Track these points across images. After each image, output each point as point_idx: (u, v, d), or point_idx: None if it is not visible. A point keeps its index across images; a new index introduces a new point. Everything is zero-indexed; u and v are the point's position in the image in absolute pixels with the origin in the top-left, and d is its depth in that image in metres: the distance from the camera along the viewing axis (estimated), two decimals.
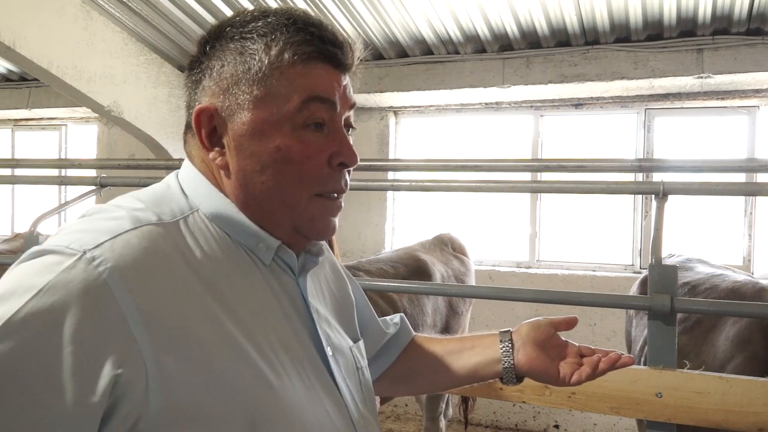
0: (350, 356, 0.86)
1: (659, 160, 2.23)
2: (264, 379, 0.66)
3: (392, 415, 4.45)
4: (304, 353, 0.74)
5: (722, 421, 1.53)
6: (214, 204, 0.74)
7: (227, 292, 0.69)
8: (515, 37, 3.84)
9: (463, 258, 3.38)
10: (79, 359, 0.56)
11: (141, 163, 2.80)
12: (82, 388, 0.56)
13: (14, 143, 5.83)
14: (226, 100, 0.73)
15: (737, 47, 3.54)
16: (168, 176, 0.80)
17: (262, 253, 0.75)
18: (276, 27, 0.73)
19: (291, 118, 0.72)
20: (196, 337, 0.63)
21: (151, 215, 0.69)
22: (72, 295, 0.58)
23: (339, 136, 0.76)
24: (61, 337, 0.56)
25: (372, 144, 4.65)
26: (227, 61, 0.73)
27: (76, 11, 3.69)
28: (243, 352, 0.66)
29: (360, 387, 0.85)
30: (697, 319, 2.17)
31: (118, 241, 0.63)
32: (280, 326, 0.73)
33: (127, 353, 0.58)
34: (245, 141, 0.73)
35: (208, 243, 0.71)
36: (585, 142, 4.35)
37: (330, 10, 3.58)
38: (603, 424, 4.03)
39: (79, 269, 0.59)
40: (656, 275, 1.68)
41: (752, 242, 3.95)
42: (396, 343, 1.08)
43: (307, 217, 0.76)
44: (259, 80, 0.72)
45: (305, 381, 0.72)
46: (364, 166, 2.56)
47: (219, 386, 0.63)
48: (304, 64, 0.73)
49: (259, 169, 0.73)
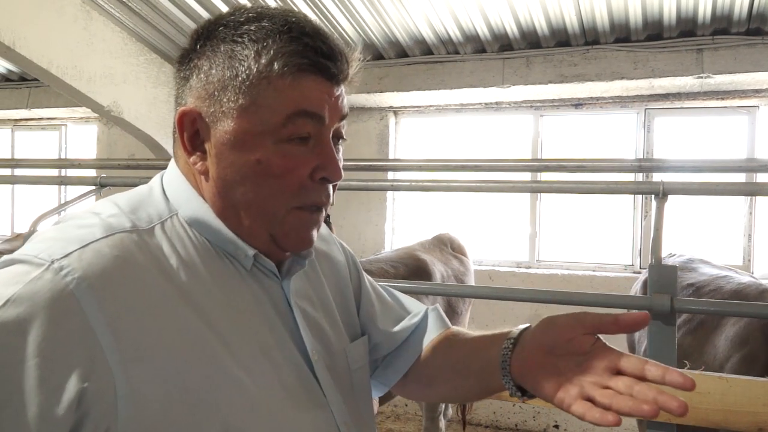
0: (343, 358, 0.84)
1: (659, 160, 2.24)
2: (240, 388, 0.65)
3: (392, 415, 4.45)
4: (285, 359, 0.73)
5: (722, 421, 1.52)
6: (193, 208, 0.73)
7: (204, 299, 0.67)
8: (515, 37, 3.84)
9: (462, 258, 3.38)
10: (44, 372, 0.55)
11: (141, 163, 2.81)
12: (47, 401, 0.55)
13: (14, 143, 5.83)
14: (211, 106, 0.71)
15: (737, 47, 3.54)
16: (154, 177, 0.79)
17: (243, 258, 0.74)
18: (269, 33, 0.70)
19: (275, 131, 0.70)
20: (168, 347, 0.62)
21: (126, 222, 0.67)
22: (38, 306, 0.56)
23: (325, 150, 0.73)
24: (25, 349, 0.55)
25: (372, 144, 4.65)
26: (216, 63, 0.71)
27: (76, 11, 3.69)
28: (218, 361, 0.65)
29: (351, 389, 0.83)
30: (700, 320, 2.18)
31: (87, 251, 0.62)
32: (260, 332, 0.72)
33: (94, 365, 0.58)
34: (226, 150, 0.71)
35: (185, 249, 0.70)
36: (585, 142, 4.35)
37: (330, 10, 3.58)
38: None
39: (45, 279, 0.58)
40: (656, 275, 1.68)
41: (752, 242, 3.95)
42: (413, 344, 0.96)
43: (284, 229, 0.74)
44: (246, 88, 0.69)
45: (285, 387, 0.71)
46: (364, 166, 2.56)
47: (191, 396, 0.62)
48: (294, 76, 0.70)
49: (238, 179, 0.71)
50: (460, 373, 0.89)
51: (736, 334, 2.02)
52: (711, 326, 2.14)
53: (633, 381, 0.65)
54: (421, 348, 0.95)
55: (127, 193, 0.75)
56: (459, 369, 0.89)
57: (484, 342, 0.86)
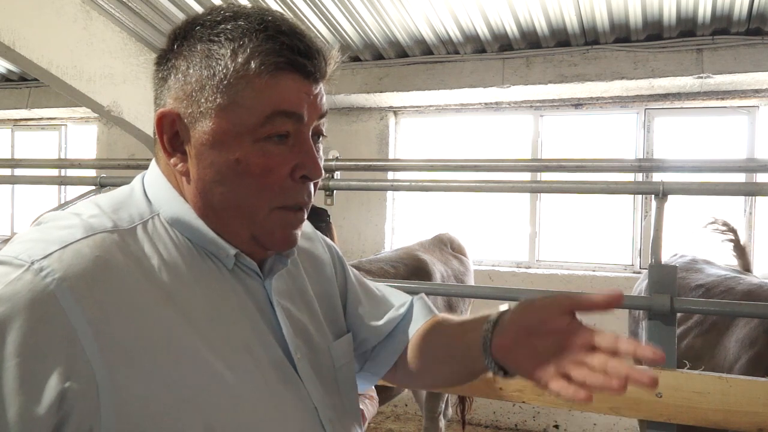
0: (327, 356, 0.84)
1: (659, 160, 2.23)
2: (223, 386, 0.66)
3: (392, 415, 4.45)
4: (268, 357, 0.73)
5: (722, 421, 1.53)
6: (174, 209, 0.73)
7: (186, 298, 0.67)
8: (515, 37, 3.84)
9: (462, 258, 3.39)
10: (24, 372, 0.56)
11: (141, 163, 2.80)
12: (28, 401, 0.55)
13: (14, 143, 5.83)
14: (189, 106, 0.71)
15: (737, 47, 3.54)
16: (135, 178, 0.79)
17: (224, 258, 0.74)
18: (245, 32, 0.69)
19: (253, 131, 0.70)
20: (150, 346, 0.62)
21: (107, 222, 0.67)
22: (17, 307, 0.56)
23: (304, 147, 0.73)
24: (5, 350, 0.55)
25: (372, 144, 4.65)
26: (193, 63, 0.71)
27: (75, 11, 3.69)
28: (201, 360, 0.65)
29: (336, 386, 0.83)
30: (713, 321, 2.17)
31: (67, 251, 0.61)
32: (243, 331, 0.72)
33: (75, 365, 0.58)
34: (206, 150, 0.71)
35: (167, 249, 0.70)
36: (585, 142, 4.35)
37: (330, 10, 3.58)
38: (603, 424, 4.03)
39: (26, 280, 0.58)
40: (656, 275, 1.68)
41: (752, 242, 3.95)
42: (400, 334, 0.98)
43: (266, 229, 0.74)
44: (224, 88, 0.69)
45: (269, 385, 0.71)
46: (364, 166, 2.56)
47: (174, 395, 0.62)
48: (272, 74, 0.69)
49: (218, 179, 0.71)
50: (446, 358, 0.92)
51: (745, 335, 2.01)
52: (723, 328, 2.12)
53: (607, 357, 0.67)
54: (408, 338, 0.97)
55: (108, 194, 0.75)
56: (444, 354, 0.92)
57: (467, 326, 0.88)
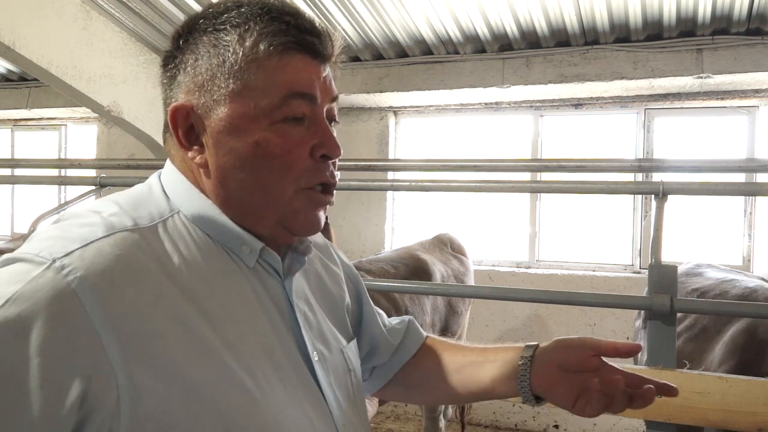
0: (341, 358, 0.84)
1: (659, 160, 2.23)
2: (242, 388, 0.65)
3: (392, 415, 4.45)
4: (287, 359, 0.72)
5: (721, 421, 1.53)
6: (195, 205, 0.72)
7: (206, 298, 0.67)
8: (515, 37, 3.84)
9: (462, 258, 3.39)
10: (47, 371, 0.55)
11: (141, 163, 2.80)
12: (50, 401, 0.55)
13: (14, 143, 5.83)
14: (201, 97, 0.71)
15: (737, 47, 3.54)
16: (151, 176, 0.78)
17: (246, 255, 0.73)
18: (250, 17, 0.70)
19: (270, 113, 0.70)
20: (171, 346, 0.61)
21: (127, 220, 0.67)
22: (39, 305, 0.56)
23: (321, 127, 0.73)
24: (27, 349, 0.55)
25: (372, 144, 4.65)
26: (201, 54, 0.71)
27: (75, 11, 3.69)
28: (220, 361, 0.64)
29: (350, 390, 0.83)
30: (702, 327, 2.16)
31: (89, 250, 0.61)
32: (262, 331, 0.71)
33: (96, 365, 0.57)
34: (223, 137, 0.71)
35: (187, 247, 0.69)
36: (585, 142, 4.35)
37: (330, 10, 3.58)
38: (603, 424, 4.03)
39: (47, 278, 0.57)
40: (656, 275, 1.68)
41: (752, 242, 3.95)
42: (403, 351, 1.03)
43: (291, 210, 0.73)
44: (235, 73, 0.69)
45: (287, 387, 0.70)
46: (364, 166, 2.56)
47: (193, 397, 0.61)
48: (281, 55, 0.70)
49: (238, 165, 0.71)
50: (456, 380, 0.98)
51: (731, 340, 2.01)
52: (712, 333, 2.12)
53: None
54: (407, 357, 1.03)
55: (126, 191, 0.74)
56: (453, 377, 0.98)
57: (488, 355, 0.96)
